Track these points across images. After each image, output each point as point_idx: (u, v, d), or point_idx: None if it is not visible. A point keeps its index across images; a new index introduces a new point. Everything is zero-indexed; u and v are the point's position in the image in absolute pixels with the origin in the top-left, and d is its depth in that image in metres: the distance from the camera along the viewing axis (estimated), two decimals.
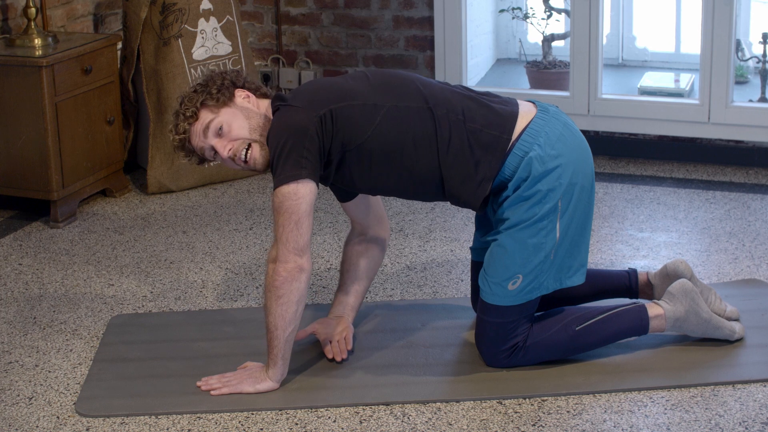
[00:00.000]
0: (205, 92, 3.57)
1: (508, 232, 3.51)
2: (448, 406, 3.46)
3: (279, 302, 3.42)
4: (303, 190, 3.41)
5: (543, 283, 3.54)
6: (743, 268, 4.42)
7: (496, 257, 3.54)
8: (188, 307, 4.22)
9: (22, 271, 4.60)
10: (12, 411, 3.50)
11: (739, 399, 3.45)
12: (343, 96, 3.52)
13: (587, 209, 3.58)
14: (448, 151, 3.50)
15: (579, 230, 3.57)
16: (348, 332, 3.72)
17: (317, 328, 3.75)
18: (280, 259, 3.41)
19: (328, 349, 3.70)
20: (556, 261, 3.53)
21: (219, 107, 3.55)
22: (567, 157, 3.51)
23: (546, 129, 3.53)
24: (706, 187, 5.41)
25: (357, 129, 3.49)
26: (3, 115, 5.02)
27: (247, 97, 3.60)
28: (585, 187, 3.56)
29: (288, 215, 3.40)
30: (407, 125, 3.50)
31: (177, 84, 5.50)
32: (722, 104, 5.64)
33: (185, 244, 4.85)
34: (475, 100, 3.60)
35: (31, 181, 5.07)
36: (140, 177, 5.74)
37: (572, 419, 3.36)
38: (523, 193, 3.48)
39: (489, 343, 3.61)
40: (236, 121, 3.54)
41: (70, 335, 4.01)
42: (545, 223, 3.49)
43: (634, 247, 4.68)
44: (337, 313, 3.81)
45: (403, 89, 3.57)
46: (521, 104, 3.63)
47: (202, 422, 3.40)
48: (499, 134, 3.52)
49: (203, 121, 3.54)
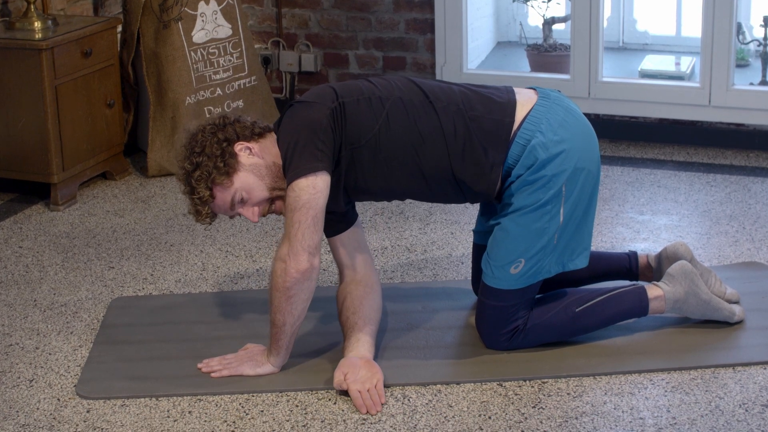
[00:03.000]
0: (211, 165, 3.43)
1: (511, 216, 3.51)
2: (449, 389, 3.46)
3: (289, 302, 3.39)
4: (321, 184, 3.35)
5: (545, 267, 3.54)
6: (743, 251, 4.42)
7: (499, 241, 3.54)
8: (188, 290, 4.23)
9: (23, 253, 4.60)
10: (13, 393, 3.50)
11: (739, 381, 3.46)
12: (350, 91, 3.50)
13: (592, 193, 3.57)
14: (455, 141, 3.48)
15: (583, 214, 3.56)
16: (379, 379, 3.40)
17: (347, 375, 3.38)
18: (293, 259, 3.33)
19: (360, 404, 3.34)
20: (559, 245, 3.53)
21: (230, 178, 3.44)
22: (571, 142, 3.50)
23: (548, 115, 3.52)
24: (706, 170, 5.41)
25: (366, 122, 3.46)
26: (3, 98, 5.02)
27: (247, 149, 3.48)
28: (591, 172, 3.55)
29: (306, 210, 3.32)
30: (413, 119, 3.49)
31: (177, 67, 5.49)
32: (723, 87, 5.63)
33: (185, 226, 4.85)
34: (473, 91, 3.59)
35: (31, 164, 5.07)
36: (140, 160, 5.74)
37: (572, 401, 3.37)
38: (528, 177, 3.47)
39: (490, 326, 3.61)
40: (251, 184, 3.45)
41: (71, 318, 4.01)
42: (549, 207, 3.48)
43: (635, 229, 4.68)
44: (360, 353, 3.47)
45: (403, 86, 3.56)
46: (521, 92, 3.62)
47: (202, 404, 3.40)
48: (500, 119, 3.51)
49: (223, 198, 3.46)
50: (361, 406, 3.32)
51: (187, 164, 3.48)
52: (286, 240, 3.35)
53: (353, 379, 3.36)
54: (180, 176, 3.52)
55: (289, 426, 3.28)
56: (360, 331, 3.51)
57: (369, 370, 3.40)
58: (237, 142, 3.48)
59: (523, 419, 3.28)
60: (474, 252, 3.90)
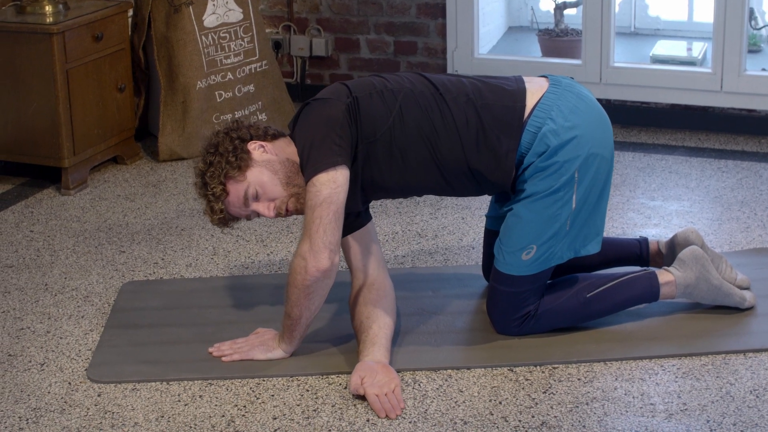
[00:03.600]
0: (223, 161, 3.43)
1: (524, 202, 3.50)
2: (459, 373, 3.46)
3: (308, 298, 3.37)
4: (341, 178, 3.32)
5: (557, 253, 3.53)
6: (755, 237, 4.41)
7: (511, 227, 3.53)
8: (199, 274, 4.23)
9: (34, 238, 4.60)
10: (24, 377, 3.51)
11: (750, 367, 3.45)
12: (363, 86, 3.50)
13: (606, 179, 3.56)
14: (467, 131, 3.47)
15: (597, 200, 3.55)
16: (397, 385, 3.32)
17: (363, 379, 3.30)
18: (314, 257, 3.28)
19: (378, 407, 3.25)
20: (572, 231, 3.52)
21: (243, 173, 3.43)
22: (583, 128, 3.49)
23: (558, 103, 3.51)
24: (718, 155, 5.40)
25: (380, 115, 3.45)
26: (14, 82, 5.02)
27: (261, 147, 3.48)
28: (605, 158, 3.54)
29: (327, 205, 3.29)
30: (425, 110, 3.48)
31: (188, 51, 5.49)
32: (735, 73, 5.62)
33: (196, 211, 4.85)
34: (482, 82, 3.59)
35: (43, 148, 5.08)
36: (151, 144, 5.74)
37: (583, 387, 3.37)
38: (540, 164, 3.47)
39: (501, 311, 3.61)
40: (266, 180, 3.43)
41: (82, 302, 4.02)
42: (561, 194, 3.47)
43: (646, 215, 4.67)
44: (376, 358, 3.39)
45: (413, 79, 3.56)
46: (532, 80, 3.62)
47: (213, 388, 3.41)
48: (511, 104, 3.50)
49: (236, 193, 3.44)
50: (380, 410, 3.24)
51: (201, 164, 3.49)
52: (306, 237, 3.31)
53: (370, 383, 3.28)
54: (195, 177, 3.52)
55: (299, 410, 3.28)
56: (375, 336, 3.44)
57: (386, 375, 3.32)
58: (251, 141, 3.49)
59: (534, 404, 3.28)
60: (486, 237, 3.90)
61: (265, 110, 5.80)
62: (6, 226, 4.73)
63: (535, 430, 3.16)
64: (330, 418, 3.24)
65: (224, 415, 3.27)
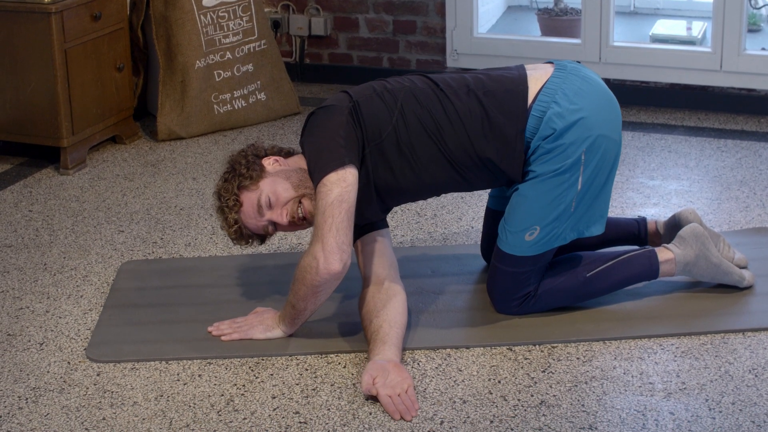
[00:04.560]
0: (237, 175, 3.47)
1: (530, 182, 3.49)
2: (458, 353, 3.46)
3: (315, 296, 3.37)
4: (350, 177, 3.31)
5: (561, 234, 3.53)
6: (754, 217, 4.41)
7: (516, 207, 3.53)
8: (198, 254, 4.23)
9: (33, 217, 4.60)
10: (23, 356, 3.51)
11: (749, 347, 3.45)
12: (363, 90, 3.52)
13: (614, 161, 3.55)
14: (471, 121, 3.46)
15: (603, 182, 3.54)
16: (410, 385, 3.21)
17: (375, 379, 3.19)
18: (326, 259, 3.25)
19: (393, 409, 3.14)
20: (576, 213, 3.52)
21: (256, 183, 3.45)
22: (589, 111, 3.48)
23: (563, 86, 3.50)
24: (717, 135, 5.39)
25: (382, 116, 3.45)
26: (12, 62, 5.01)
27: (276, 161, 3.52)
28: (613, 140, 3.53)
29: (339, 203, 3.27)
30: (426, 107, 3.48)
31: (186, 31, 5.48)
32: (734, 52, 5.61)
33: (195, 190, 4.85)
34: (483, 73, 3.61)
35: (41, 128, 5.07)
36: (150, 124, 5.73)
37: (582, 366, 3.37)
38: (546, 146, 3.46)
39: (501, 291, 3.61)
40: (279, 186, 3.45)
41: (81, 281, 4.02)
42: (568, 176, 3.47)
43: (645, 194, 4.67)
44: (387, 357, 3.29)
45: (414, 79, 3.58)
46: (537, 66, 3.61)
47: (212, 367, 3.41)
48: (513, 88, 3.50)
49: (250, 203, 3.46)
50: (394, 411, 3.13)
51: (218, 182, 3.54)
52: (318, 238, 3.28)
53: (382, 384, 3.18)
54: (213, 194, 3.56)
55: (298, 390, 3.28)
56: (386, 335, 3.35)
57: (399, 375, 3.22)
58: (266, 157, 3.53)
59: (533, 383, 3.28)
60: (486, 216, 3.90)
61: (264, 90, 5.79)
62: (5, 205, 4.73)
63: (534, 408, 3.16)
64: (329, 397, 3.24)
65: (223, 394, 3.27)
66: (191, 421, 3.15)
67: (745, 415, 3.10)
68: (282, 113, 5.86)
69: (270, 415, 3.17)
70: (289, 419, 3.14)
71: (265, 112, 5.79)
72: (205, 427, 3.11)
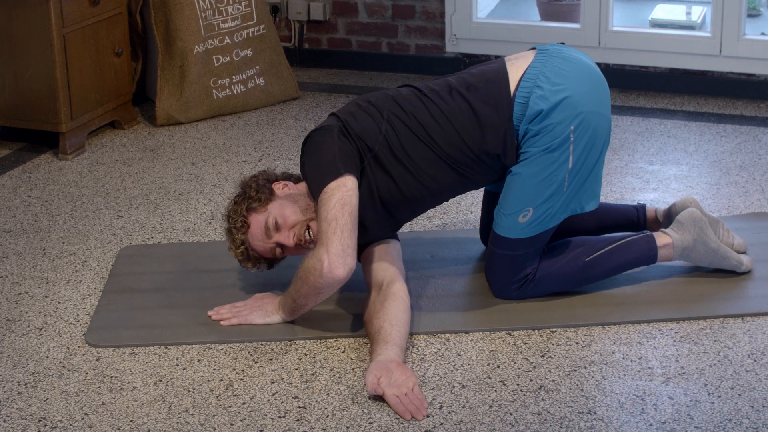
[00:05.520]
0: (246, 198, 3.51)
1: (522, 163, 3.50)
2: (457, 337, 3.47)
3: (318, 296, 3.38)
4: (350, 183, 3.34)
5: (555, 214, 3.53)
6: (753, 202, 4.41)
7: (509, 189, 3.53)
8: (197, 239, 4.23)
9: (31, 203, 4.60)
10: (22, 341, 3.51)
11: (747, 331, 3.46)
12: (348, 108, 3.57)
13: (605, 138, 3.55)
14: (459, 116, 3.49)
15: (595, 159, 3.54)
16: (415, 383, 3.15)
17: (380, 379, 3.13)
18: (331, 263, 3.24)
19: (402, 410, 3.08)
20: (569, 191, 3.52)
21: (264, 205, 3.49)
22: (572, 89, 3.48)
23: (544, 70, 3.51)
24: (716, 120, 5.39)
25: (370, 128, 3.49)
26: (11, 47, 5.00)
27: (285, 186, 3.56)
28: (602, 115, 3.53)
29: (341, 206, 3.28)
30: (410, 112, 3.52)
31: (185, 15, 5.47)
32: (734, 37, 5.60)
33: (194, 175, 4.85)
34: (464, 72, 3.66)
35: (40, 113, 5.06)
36: (149, 109, 5.73)
37: (581, 350, 3.37)
38: (534, 127, 3.46)
39: (499, 275, 3.61)
40: (287, 209, 3.48)
41: (80, 266, 4.02)
42: (557, 154, 3.47)
43: (644, 179, 4.66)
44: (390, 356, 3.22)
45: (396, 88, 3.63)
46: (518, 56, 3.63)
47: (211, 352, 3.41)
48: (494, 77, 3.54)
49: (257, 224, 3.49)
50: (404, 411, 3.07)
51: (228, 204, 3.60)
52: (323, 241, 3.27)
53: (387, 383, 3.12)
54: (223, 216, 3.61)
55: (297, 374, 3.28)
56: (387, 334, 3.29)
57: (403, 373, 3.16)
58: (276, 182, 3.58)
59: (532, 368, 3.29)
60: (485, 199, 3.90)
61: (263, 75, 5.78)
62: (3, 191, 4.73)
63: (533, 393, 3.16)
64: (328, 381, 3.24)
65: (222, 379, 3.27)
66: (190, 405, 3.15)
67: (744, 400, 3.11)
68: (281, 98, 5.85)
69: (269, 399, 3.17)
70: (288, 404, 3.14)
71: (264, 97, 5.79)
72: (204, 412, 3.11)
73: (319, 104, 5.81)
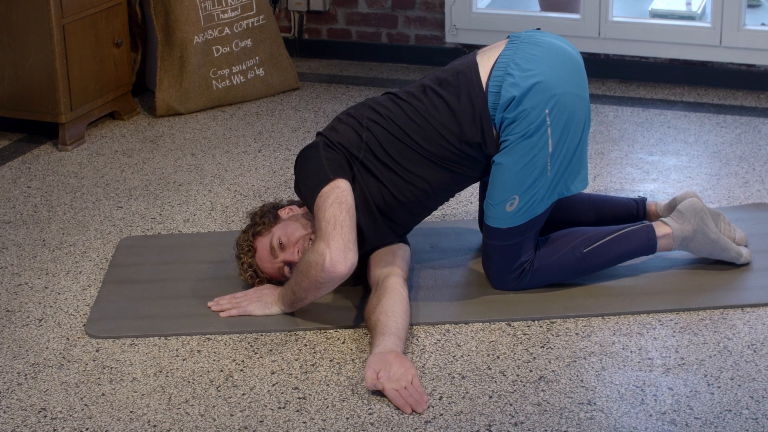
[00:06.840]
0: (252, 224, 3.60)
1: (503, 152, 3.50)
2: (457, 328, 3.47)
3: (318, 290, 3.39)
4: (343, 184, 3.39)
5: (541, 200, 3.52)
6: (753, 192, 4.41)
7: (494, 179, 3.54)
8: (197, 229, 4.23)
9: (31, 193, 4.60)
10: (22, 332, 3.51)
11: (747, 322, 3.46)
12: (330, 124, 3.64)
13: (583, 117, 3.54)
14: (437, 114, 3.51)
15: (576, 140, 3.53)
16: (414, 375, 3.13)
17: (379, 373, 3.11)
18: (333, 259, 3.26)
19: (402, 403, 3.06)
20: (553, 174, 3.51)
21: (269, 228, 3.57)
22: (544, 74, 3.48)
23: (514, 57, 3.52)
24: (716, 110, 5.39)
25: (352, 138, 3.53)
26: (10, 37, 5.00)
27: (290, 210, 3.65)
28: (577, 95, 3.52)
29: (338, 205, 3.33)
30: (387, 117, 3.55)
31: (184, 6, 5.46)
32: (734, 27, 5.60)
33: (194, 166, 4.85)
34: (438, 70, 3.69)
35: (39, 103, 5.06)
36: (148, 99, 5.72)
37: (581, 341, 3.37)
38: (509, 115, 3.46)
39: (495, 266, 3.61)
40: (290, 228, 3.54)
41: (80, 257, 4.02)
42: (535, 139, 3.46)
43: (644, 170, 4.66)
44: (388, 348, 3.20)
45: (373, 97, 3.68)
46: (491, 47, 3.64)
47: (211, 343, 3.41)
48: (466, 69, 3.55)
49: (263, 247, 3.56)
50: (404, 405, 3.05)
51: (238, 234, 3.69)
52: (322, 237, 3.29)
53: (386, 377, 3.10)
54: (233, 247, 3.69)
55: (297, 365, 3.29)
56: (384, 326, 3.27)
57: (401, 366, 3.13)
58: (281, 208, 3.66)
59: (532, 359, 3.29)
60: (481, 190, 3.90)
61: (263, 65, 5.78)
62: (3, 182, 4.73)
63: (533, 384, 3.16)
64: (328, 372, 3.25)
65: (222, 370, 3.27)
66: (190, 396, 3.15)
67: (744, 391, 3.11)
68: (280, 89, 5.85)
69: (269, 390, 3.17)
70: (288, 395, 3.14)
71: (264, 87, 5.78)
72: (204, 403, 3.11)
73: (319, 95, 5.81)
